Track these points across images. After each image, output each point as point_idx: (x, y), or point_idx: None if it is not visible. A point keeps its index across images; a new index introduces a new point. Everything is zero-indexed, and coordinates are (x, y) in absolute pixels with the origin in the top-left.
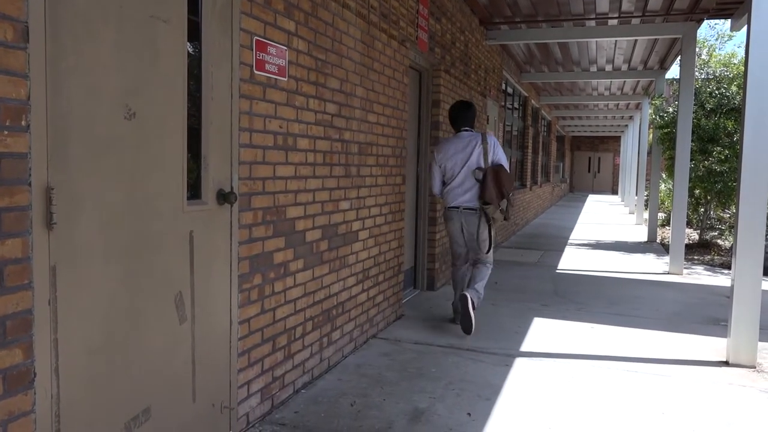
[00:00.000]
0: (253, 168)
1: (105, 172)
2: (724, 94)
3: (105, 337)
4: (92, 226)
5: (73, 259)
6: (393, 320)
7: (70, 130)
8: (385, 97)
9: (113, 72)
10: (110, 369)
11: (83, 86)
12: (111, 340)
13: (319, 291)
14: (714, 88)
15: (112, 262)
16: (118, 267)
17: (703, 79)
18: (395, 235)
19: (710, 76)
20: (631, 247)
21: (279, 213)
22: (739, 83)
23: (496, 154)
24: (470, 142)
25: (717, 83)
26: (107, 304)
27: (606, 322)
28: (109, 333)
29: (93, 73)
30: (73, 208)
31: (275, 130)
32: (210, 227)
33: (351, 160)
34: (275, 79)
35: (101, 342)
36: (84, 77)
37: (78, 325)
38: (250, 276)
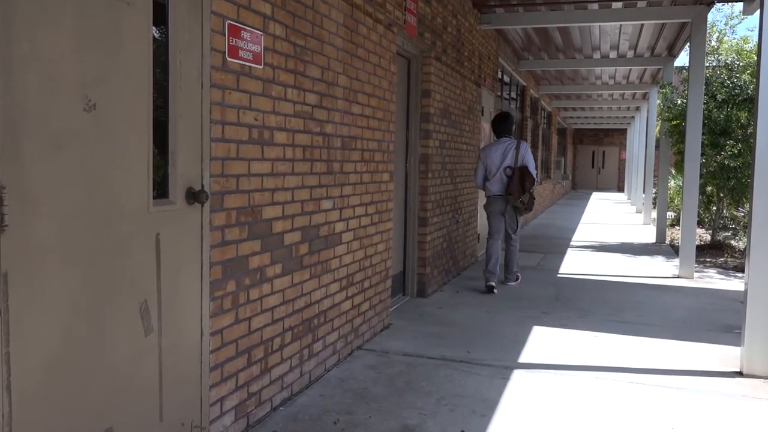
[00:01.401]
0: (226, 164)
1: (62, 169)
2: (736, 83)
3: (62, 350)
4: (48, 229)
5: (27, 264)
6: (380, 330)
7: (23, 124)
8: (371, 86)
9: (71, 59)
10: (68, 386)
11: (38, 75)
12: (69, 354)
13: (298, 299)
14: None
15: (70, 268)
16: (76, 273)
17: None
18: (382, 237)
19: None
20: (638, 249)
21: (254, 213)
22: (752, 72)
23: (525, 158)
24: (507, 147)
25: (728, 71)
26: (65, 314)
27: (610, 330)
28: (66, 346)
29: (49, 61)
30: (26, 209)
31: (250, 123)
32: (178, 229)
33: (333, 156)
34: (250, 66)
35: (58, 356)
36: (39, 65)
37: (32, 338)
38: (222, 282)
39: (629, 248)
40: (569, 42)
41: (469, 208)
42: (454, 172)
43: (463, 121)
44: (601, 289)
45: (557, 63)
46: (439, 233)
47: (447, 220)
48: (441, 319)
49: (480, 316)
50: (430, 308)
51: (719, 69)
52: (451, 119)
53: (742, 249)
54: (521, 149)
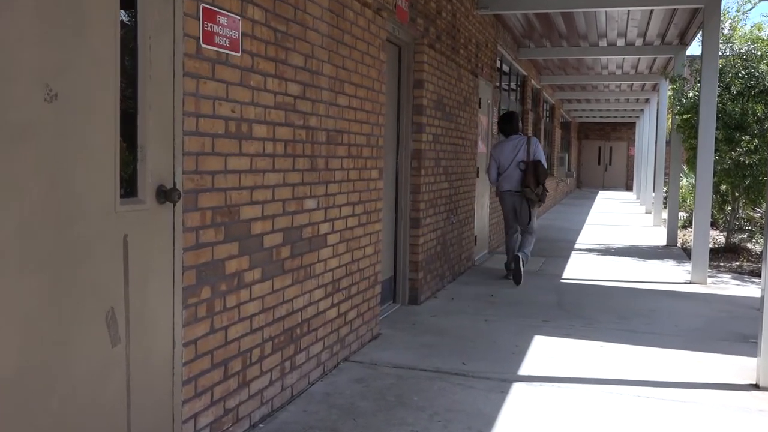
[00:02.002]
0: (201, 160)
1: (20, 165)
2: (752, 74)
3: (20, 364)
4: (5, 231)
5: None
6: (368, 340)
7: None
8: (358, 76)
9: (31, 45)
10: (26, 403)
11: None
12: (27, 368)
13: (279, 306)
14: (740, 68)
15: (28, 274)
16: (36, 279)
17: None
18: (371, 239)
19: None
20: (647, 252)
21: (231, 213)
22: None
23: (536, 152)
24: (518, 143)
25: (743, 61)
26: (23, 324)
27: (617, 340)
28: (24, 359)
29: (6, 47)
30: None
31: (227, 115)
32: (148, 230)
33: (318, 151)
34: (226, 54)
35: (15, 370)
36: None
37: None
38: (196, 288)
39: (638, 251)
40: (573, 28)
41: (465, 207)
42: (449, 168)
43: (458, 113)
44: (607, 296)
45: (560, 51)
46: (432, 235)
47: (441, 220)
48: (434, 329)
49: (477, 325)
50: (422, 316)
51: (733, 58)
52: (445, 112)
53: (758, 252)
54: (532, 144)
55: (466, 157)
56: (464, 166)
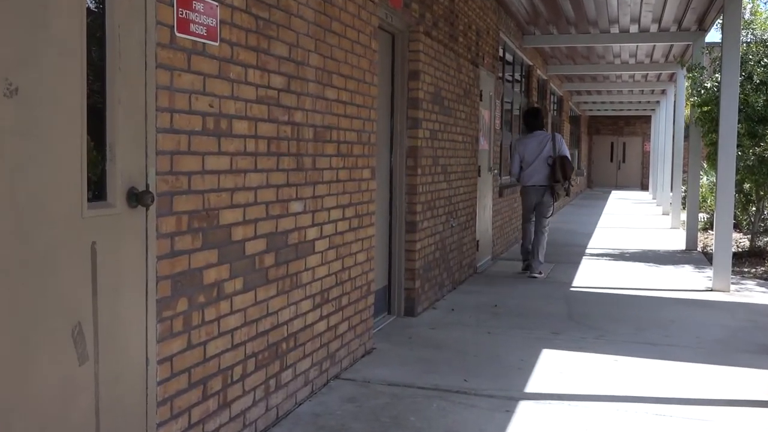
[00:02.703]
0: (176, 159)
1: None
2: None
3: None
4: None
5: None
6: (361, 355)
7: None
8: (348, 66)
9: None
10: None
11: None
12: None
13: (263, 319)
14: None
15: None
16: None
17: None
18: (363, 245)
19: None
20: (664, 257)
21: (210, 218)
22: None
23: (561, 148)
24: (543, 139)
25: (765, 48)
26: None
27: (633, 353)
28: None
29: None
30: None
31: (204, 111)
32: (118, 237)
33: (304, 149)
34: (203, 43)
35: None
36: None
37: None
38: (172, 300)
39: (654, 256)
40: (582, 13)
41: (466, 210)
42: (447, 167)
43: (457, 107)
44: (621, 305)
45: (568, 39)
46: (430, 240)
47: (440, 224)
48: (433, 342)
49: (479, 338)
50: (420, 329)
51: (755, 45)
52: (443, 105)
53: None
54: (557, 140)
55: (467, 155)
56: (465, 165)
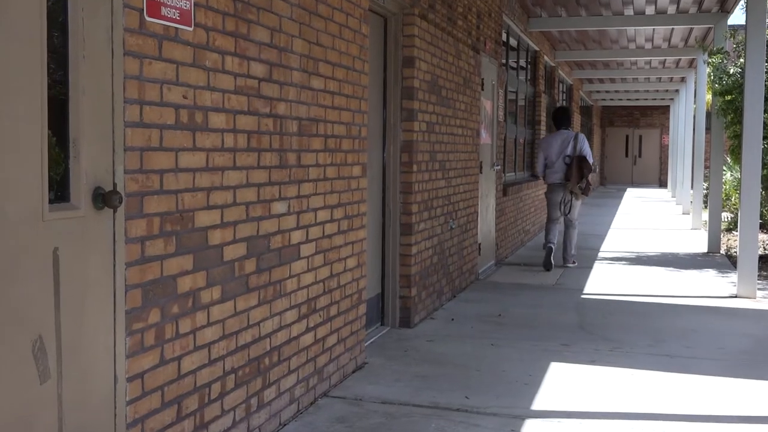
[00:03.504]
0: (146, 156)
1: None
2: None
3: None
4: None
5: None
6: (352, 371)
7: None
8: (336, 53)
9: None
10: None
11: None
12: None
13: (244, 331)
14: None
15: None
16: None
17: None
18: (353, 249)
19: None
20: (684, 260)
21: (184, 220)
22: None
23: (582, 148)
24: (566, 138)
25: None
26: None
27: (650, 366)
28: None
29: None
30: None
31: (177, 102)
32: (83, 242)
33: (288, 144)
34: (176, 28)
35: None
36: None
37: None
38: (143, 311)
39: (674, 260)
40: None
41: (466, 210)
42: (446, 163)
43: (457, 97)
44: (638, 314)
45: (578, 21)
46: (427, 244)
47: (438, 226)
48: (431, 356)
49: (482, 351)
50: (416, 341)
51: None
52: (441, 95)
53: None
54: (579, 140)
55: (467, 150)
56: (465, 160)
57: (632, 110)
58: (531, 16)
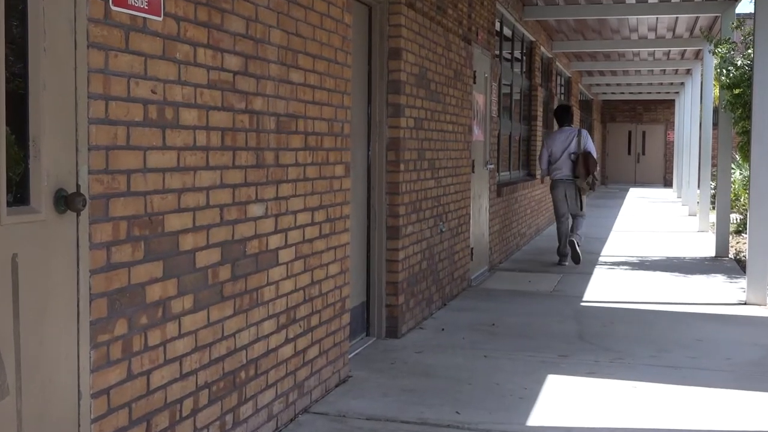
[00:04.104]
0: (112, 156)
1: None
2: None
3: None
4: None
5: None
6: (335, 385)
7: None
8: (316, 44)
9: None
10: None
11: None
12: None
13: (218, 343)
14: None
15: None
16: None
17: None
18: (336, 254)
19: None
20: (691, 265)
21: (153, 224)
22: None
23: (586, 144)
24: (570, 134)
25: None
26: None
27: (654, 378)
28: None
29: None
30: None
31: (146, 98)
32: (44, 248)
33: (265, 142)
34: (144, 18)
35: None
36: None
37: None
38: (109, 322)
39: (679, 265)
40: None
41: (458, 212)
42: (435, 162)
43: (447, 91)
44: (640, 323)
45: (577, 10)
46: (416, 248)
47: (427, 229)
48: (420, 368)
49: (474, 363)
50: (404, 353)
51: None
52: (430, 89)
53: None
54: (582, 136)
55: (458, 147)
56: (456, 159)
57: (635, 105)
58: (526, 4)
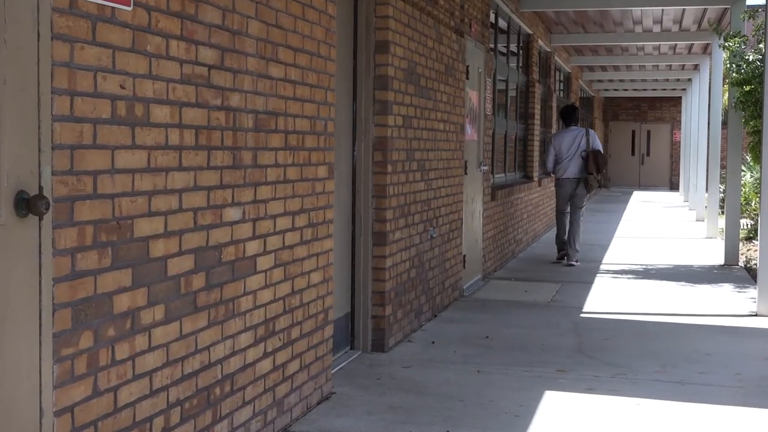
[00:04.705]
0: (78, 156)
1: None
2: None
3: None
4: None
5: None
6: (316, 402)
7: None
8: (298, 37)
9: None
10: None
11: None
12: None
13: (191, 357)
14: None
15: None
16: None
17: None
18: (318, 262)
19: None
20: (698, 274)
21: (122, 229)
22: None
23: (594, 143)
24: (577, 134)
25: None
26: None
27: (659, 395)
28: None
29: None
30: None
31: (114, 93)
32: (4, 255)
33: (243, 141)
34: (113, 8)
35: None
36: None
37: None
38: (73, 335)
39: (686, 273)
40: None
41: (449, 216)
42: (426, 163)
43: (438, 87)
44: (644, 335)
45: (577, 0)
46: (404, 255)
47: (416, 235)
48: (408, 384)
49: (466, 379)
50: (391, 368)
51: None
52: (419, 85)
53: None
54: (590, 136)
55: (450, 147)
56: (447, 160)
57: (639, 102)
58: None
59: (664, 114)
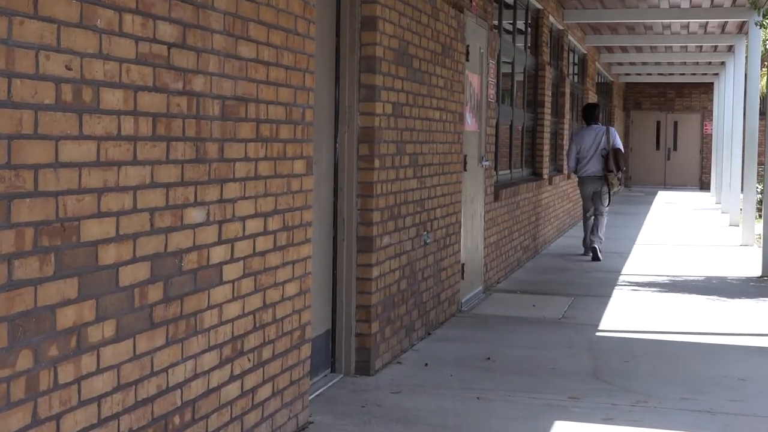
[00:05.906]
0: (16, 147)
1: None
2: None
3: None
4: None
5: None
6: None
7: None
8: (272, 11)
9: None
10: None
11: None
12: None
13: (146, 381)
14: None
15: None
16: None
17: None
18: (294, 271)
19: None
20: (732, 287)
21: (67, 233)
22: None
23: (614, 141)
24: (598, 132)
25: None
26: None
27: (686, 426)
28: None
29: None
30: None
31: (58, 75)
32: None
33: (207, 131)
34: None
35: None
36: None
37: None
38: (10, 354)
39: (718, 286)
40: None
41: (446, 219)
42: (419, 157)
43: (433, 70)
44: (669, 357)
45: None
46: (393, 264)
47: (408, 240)
48: (397, 413)
49: (464, 407)
50: (378, 393)
51: None
52: (412, 67)
53: None
54: (611, 134)
55: (447, 139)
56: (444, 154)
57: (665, 89)
58: None
59: (694, 102)
